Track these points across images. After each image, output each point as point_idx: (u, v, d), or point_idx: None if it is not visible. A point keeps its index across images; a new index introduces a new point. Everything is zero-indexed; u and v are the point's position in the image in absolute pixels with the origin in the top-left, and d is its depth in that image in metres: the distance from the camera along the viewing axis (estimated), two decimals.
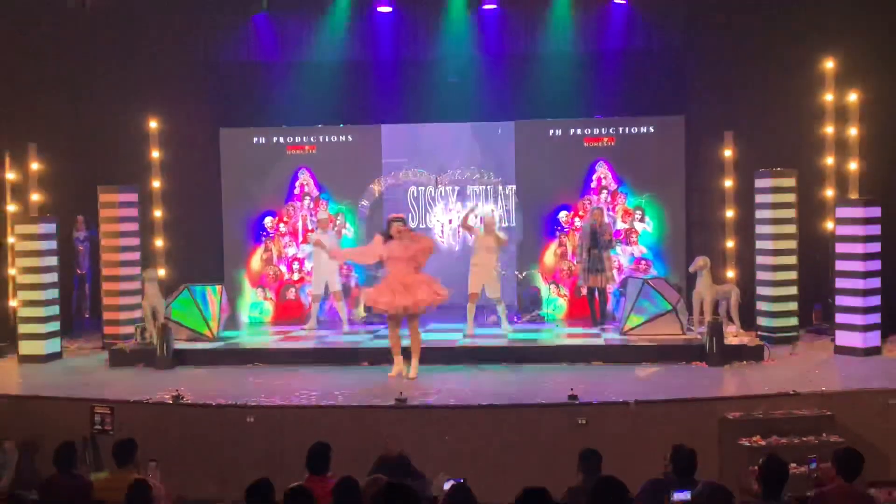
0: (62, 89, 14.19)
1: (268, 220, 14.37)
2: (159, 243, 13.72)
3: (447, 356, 11.55)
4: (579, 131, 14.13)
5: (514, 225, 14.34)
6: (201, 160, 14.45)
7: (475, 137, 14.45)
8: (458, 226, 13.23)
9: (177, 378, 11.02)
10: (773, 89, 13.43)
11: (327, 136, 14.43)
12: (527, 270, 14.04)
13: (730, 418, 9.24)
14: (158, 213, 13.71)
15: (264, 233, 14.38)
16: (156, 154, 13.78)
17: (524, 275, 14.03)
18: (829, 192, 12.74)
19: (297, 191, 14.39)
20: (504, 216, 14.40)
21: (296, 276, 14.37)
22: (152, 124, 13.79)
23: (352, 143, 14.39)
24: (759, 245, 12.53)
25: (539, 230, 14.21)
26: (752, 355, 11.29)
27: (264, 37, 14.47)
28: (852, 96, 12.18)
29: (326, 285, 13.31)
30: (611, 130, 14.08)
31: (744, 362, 11.17)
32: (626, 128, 14.06)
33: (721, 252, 12.99)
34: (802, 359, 11.46)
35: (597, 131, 14.11)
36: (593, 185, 14.11)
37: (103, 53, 14.09)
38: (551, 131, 14.12)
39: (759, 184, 12.48)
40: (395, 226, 10.50)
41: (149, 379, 11.09)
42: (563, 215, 14.16)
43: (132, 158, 13.99)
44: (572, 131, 14.13)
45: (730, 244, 13.00)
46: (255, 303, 14.40)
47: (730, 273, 12.89)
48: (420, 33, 14.47)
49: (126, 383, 10.88)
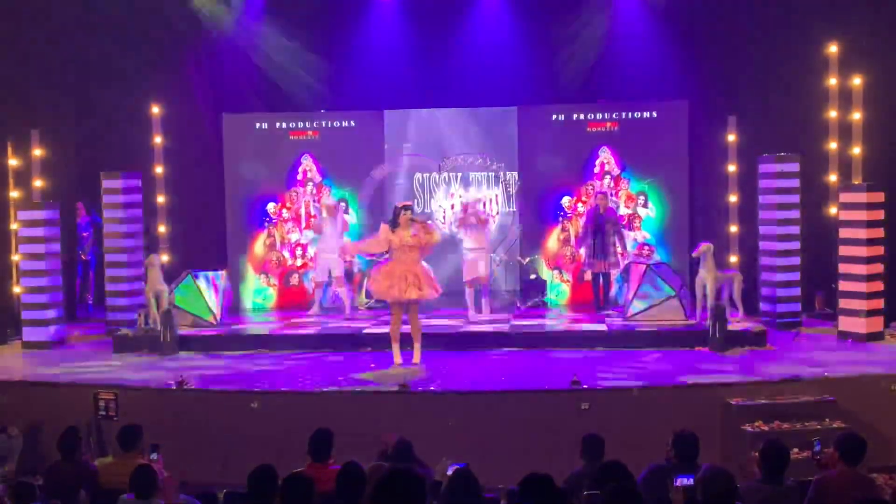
0: (64, 75, 14.16)
1: (271, 206, 14.36)
2: (162, 229, 13.74)
3: (450, 342, 11.56)
4: (582, 116, 14.10)
5: (515, 210, 14.33)
6: (204, 146, 14.43)
7: (478, 123, 14.41)
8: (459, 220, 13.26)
9: (180, 364, 11.05)
10: (777, 74, 13.39)
11: (330, 122, 14.41)
12: (529, 257, 14.04)
13: (732, 404, 9.25)
14: (161, 198, 13.71)
15: (267, 218, 14.37)
16: (158, 140, 13.78)
17: (527, 261, 14.03)
18: (833, 177, 12.73)
19: (299, 176, 14.38)
20: (506, 202, 14.39)
21: (299, 262, 14.38)
22: (155, 110, 13.78)
23: (354, 128, 14.37)
24: (763, 230, 12.53)
25: (542, 216, 14.19)
26: (755, 341, 11.29)
27: (267, 21, 14.44)
28: (856, 81, 12.15)
29: (329, 271, 13.31)
30: (614, 115, 14.03)
31: (746, 348, 11.17)
32: (630, 113, 14.01)
33: (724, 237, 12.98)
34: (805, 344, 11.47)
35: (600, 116, 14.08)
36: (596, 170, 14.08)
37: (105, 39, 14.05)
38: (554, 116, 14.09)
39: (763, 169, 12.47)
40: (405, 214, 10.48)
41: (152, 365, 11.12)
42: (565, 201, 14.14)
43: (135, 144, 14.00)
44: (575, 116, 14.10)
45: (733, 229, 12.99)
46: (258, 289, 14.41)
47: (733, 258, 12.89)
48: (423, 18, 14.42)
49: (129, 369, 10.90)
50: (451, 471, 5.56)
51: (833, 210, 12.39)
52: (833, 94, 12.63)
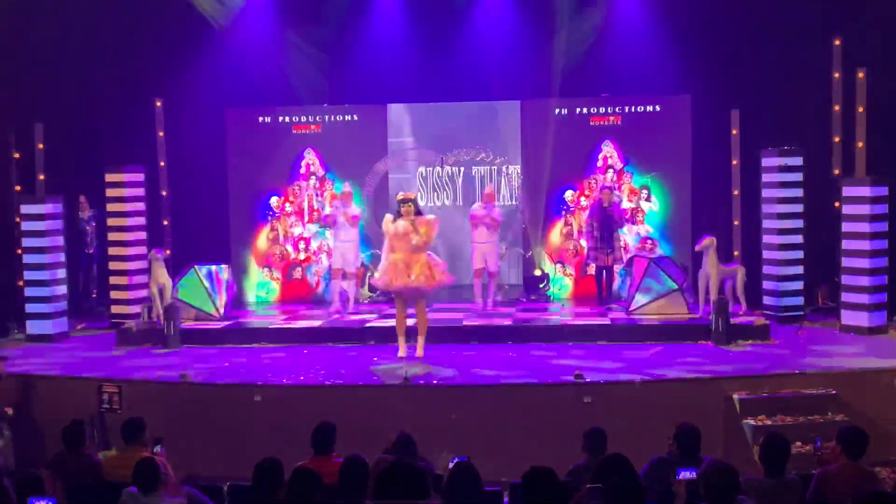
0: (68, 70, 14.16)
1: (274, 200, 14.37)
2: (165, 223, 13.75)
3: (453, 335, 11.57)
4: (585, 110, 14.09)
5: (519, 204, 14.32)
6: (207, 140, 14.43)
7: (480, 117, 14.40)
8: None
9: (184, 357, 11.07)
10: (780, 67, 13.36)
11: (333, 116, 14.41)
12: (532, 250, 14.04)
13: (735, 397, 9.26)
14: (165, 192, 13.73)
15: (270, 212, 14.39)
16: (162, 134, 13.79)
17: (530, 255, 14.04)
18: (836, 171, 12.71)
19: (302, 170, 14.39)
20: (509, 195, 14.39)
21: (302, 256, 14.39)
22: (158, 104, 13.78)
23: (357, 122, 14.37)
24: (765, 224, 12.51)
25: (545, 210, 14.19)
26: (758, 334, 11.29)
27: (270, 15, 14.44)
28: (860, 74, 12.13)
29: (343, 260, 13.29)
30: (617, 109, 14.03)
31: (749, 341, 11.17)
32: (633, 107, 14.01)
33: (727, 231, 12.97)
34: (808, 338, 11.47)
35: (603, 110, 14.07)
36: (599, 164, 14.08)
37: (109, 33, 14.06)
38: (557, 110, 14.08)
39: (766, 162, 12.45)
40: (404, 206, 10.50)
41: (156, 358, 11.14)
42: (568, 195, 14.14)
43: (138, 138, 14.01)
44: (578, 110, 14.09)
45: (736, 223, 12.98)
46: (261, 282, 14.43)
47: (735, 252, 12.88)
48: (426, 12, 14.40)
49: (133, 362, 10.92)
50: (452, 464, 5.57)
51: (836, 204, 12.37)
52: (836, 87, 12.61)
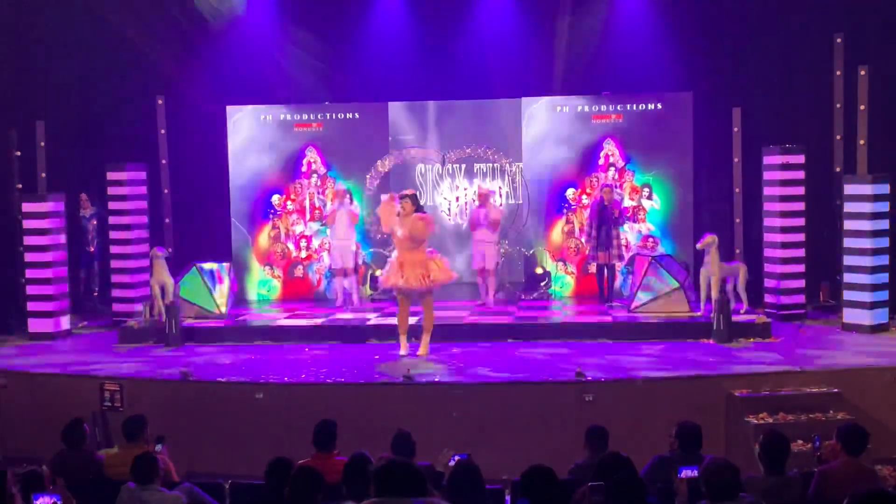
0: (70, 67, 14.17)
1: (275, 198, 14.37)
2: (167, 221, 13.75)
3: (454, 332, 11.58)
4: (587, 108, 14.08)
5: (521, 202, 14.33)
6: (209, 138, 14.43)
7: (482, 115, 14.40)
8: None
9: (185, 355, 11.08)
10: (782, 65, 13.37)
11: (334, 114, 14.41)
12: (534, 248, 14.05)
13: (737, 395, 9.26)
14: (166, 190, 13.73)
15: (272, 210, 14.39)
16: (163, 131, 13.78)
17: (531, 253, 14.04)
18: (838, 169, 12.70)
19: (304, 168, 14.39)
20: (511, 193, 14.39)
21: (303, 254, 14.39)
22: (160, 101, 13.78)
23: (359, 120, 14.37)
24: (767, 222, 12.50)
25: (546, 208, 14.19)
26: (760, 333, 11.29)
27: (271, 13, 14.44)
28: (861, 72, 12.12)
29: (342, 259, 13.33)
30: (618, 107, 14.02)
31: (751, 339, 11.17)
32: (634, 105, 14.00)
33: (729, 229, 12.96)
34: (809, 336, 11.47)
35: (604, 108, 14.06)
36: (601, 162, 14.07)
37: (111, 30, 14.06)
38: (559, 108, 14.07)
39: (767, 160, 12.44)
40: (403, 202, 10.51)
41: (158, 356, 11.15)
42: (570, 193, 14.14)
43: (140, 136, 14.01)
44: (580, 108, 14.08)
45: (737, 221, 12.97)
46: (262, 280, 14.43)
47: (737, 250, 12.87)
48: (427, 10, 14.40)
49: (135, 360, 10.93)
50: (453, 462, 5.57)
51: (837, 201, 12.37)
52: (838, 85, 12.59)
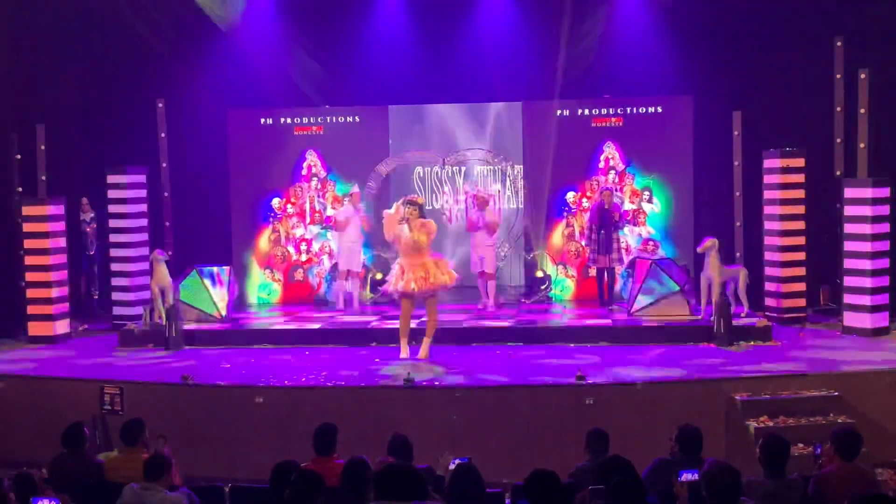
0: (70, 71, 14.18)
1: (275, 202, 14.38)
2: (167, 224, 13.75)
3: (455, 336, 11.57)
4: (587, 111, 14.09)
5: (521, 206, 14.32)
6: (209, 141, 14.44)
7: (482, 118, 14.40)
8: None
9: (185, 359, 11.07)
10: (782, 69, 13.37)
11: (334, 117, 14.41)
12: (534, 252, 14.05)
13: (737, 399, 9.24)
14: (166, 194, 13.73)
15: (272, 214, 14.39)
16: (164, 135, 13.78)
17: (532, 256, 14.04)
18: (838, 172, 12.70)
19: (304, 172, 14.39)
20: (512, 197, 14.39)
21: (304, 258, 14.39)
22: (160, 105, 13.78)
23: (359, 124, 14.38)
24: (767, 225, 12.50)
25: (546, 211, 14.18)
26: (760, 336, 11.28)
27: (272, 17, 14.45)
28: (862, 75, 12.12)
29: (349, 261, 13.32)
30: (618, 110, 14.02)
31: (751, 343, 11.16)
32: (634, 108, 14.00)
33: (729, 232, 12.96)
34: (810, 339, 11.46)
35: (604, 111, 14.06)
36: (601, 165, 14.08)
37: (111, 34, 14.07)
38: (559, 111, 14.07)
39: (768, 164, 12.44)
40: (407, 209, 10.52)
41: (158, 359, 11.13)
42: (570, 196, 14.14)
43: (140, 139, 14.01)
44: (580, 111, 14.08)
45: (738, 224, 12.97)
46: (262, 284, 14.43)
47: (737, 253, 12.87)
48: (427, 13, 14.40)
49: (135, 364, 10.92)
50: (453, 465, 5.57)
51: (838, 205, 12.36)
52: (838, 88, 12.60)
